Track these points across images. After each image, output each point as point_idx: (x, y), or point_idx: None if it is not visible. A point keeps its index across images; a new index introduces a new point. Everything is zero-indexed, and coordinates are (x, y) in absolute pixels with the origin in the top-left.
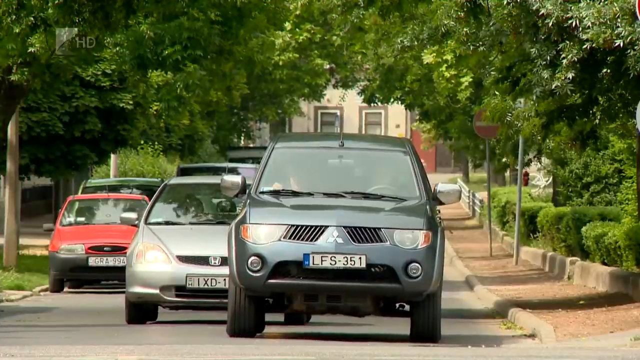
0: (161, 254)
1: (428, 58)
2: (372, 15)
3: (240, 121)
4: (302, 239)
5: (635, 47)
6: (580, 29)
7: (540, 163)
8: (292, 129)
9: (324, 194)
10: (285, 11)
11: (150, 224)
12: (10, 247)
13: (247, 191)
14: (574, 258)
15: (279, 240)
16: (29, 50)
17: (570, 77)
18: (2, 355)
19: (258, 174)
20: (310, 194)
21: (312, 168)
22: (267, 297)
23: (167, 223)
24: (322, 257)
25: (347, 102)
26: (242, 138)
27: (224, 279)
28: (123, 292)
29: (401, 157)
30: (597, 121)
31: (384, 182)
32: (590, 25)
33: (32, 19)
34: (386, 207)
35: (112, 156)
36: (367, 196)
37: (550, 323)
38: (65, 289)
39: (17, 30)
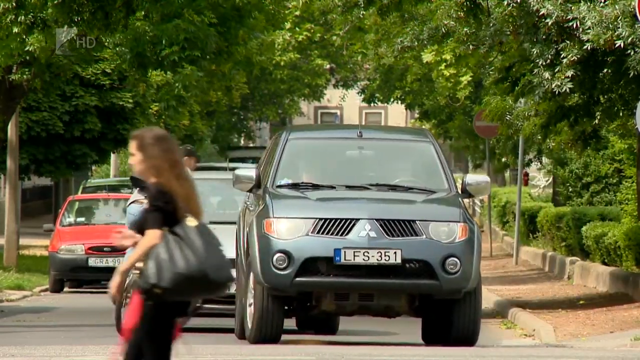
0: None
1: (427, 57)
2: (372, 15)
3: (240, 121)
4: (332, 234)
5: (636, 48)
6: (581, 29)
7: (540, 163)
8: None
9: (347, 186)
10: (285, 11)
11: None
12: (10, 247)
13: (263, 185)
14: (574, 258)
15: (307, 235)
16: (27, 49)
17: (570, 77)
18: (2, 355)
19: (273, 167)
20: (332, 187)
21: (330, 160)
22: (293, 297)
23: None
24: (354, 252)
25: (347, 102)
26: (242, 138)
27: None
28: None
29: (425, 147)
30: (597, 121)
31: (409, 173)
32: (591, 26)
33: (31, 18)
34: (418, 199)
35: (112, 156)
36: (393, 188)
37: (550, 323)
38: (65, 289)
39: (16, 30)
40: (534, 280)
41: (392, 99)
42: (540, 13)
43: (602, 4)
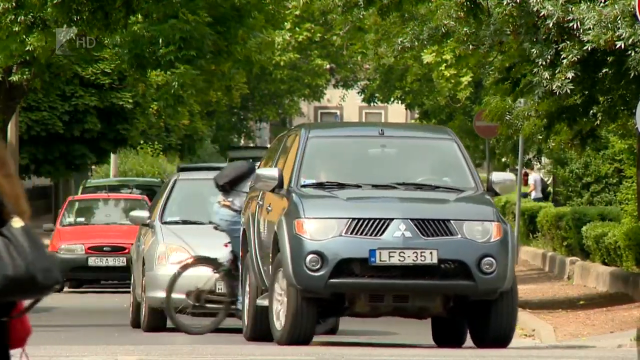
0: (187, 256)
1: (428, 57)
2: (372, 15)
3: (240, 121)
4: (366, 234)
5: (637, 49)
6: (581, 30)
7: (540, 163)
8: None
9: (373, 185)
10: (285, 11)
11: (166, 222)
12: None
13: (287, 185)
14: (574, 258)
15: (340, 235)
16: (27, 49)
17: (570, 77)
18: None
19: (296, 166)
20: (357, 186)
21: (352, 158)
22: (325, 299)
23: (184, 222)
24: (389, 252)
25: (347, 102)
26: (242, 138)
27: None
28: (123, 292)
29: (448, 145)
30: (597, 121)
31: (433, 171)
32: (592, 27)
33: (30, 18)
34: (450, 198)
35: (112, 156)
36: (419, 187)
37: (550, 323)
38: (65, 289)
39: (15, 29)
40: (534, 280)
41: (392, 99)
42: (541, 14)
43: (602, 4)
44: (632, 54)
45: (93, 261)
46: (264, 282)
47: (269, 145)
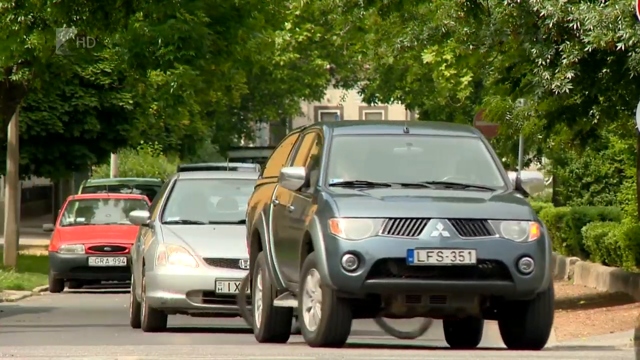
0: (187, 256)
1: (428, 57)
2: (372, 15)
3: (240, 121)
4: (402, 234)
5: (637, 49)
6: (582, 30)
7: (540, 163)
8: (293, 129)
9: (402, 184)
10: (285, 11)
11: (166, 223)
12: (10, 247)
13: (314, 184)
14: (574, 258)
15: (377, 235)
16: (26, 47)
17: (570, 77)
18: (2, 355)
19: (322, 165)
20: (387, 185)
21: (378, 157)
22: (360, 299)
23: (184, 222)
24: (427, 252)
25: (347, 102)
26: (242, 138)
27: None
28: (123, 292)
29: (474, 143)
30: (597, 121)
31: (461, 170)
32: (592, 28)
33: (30, 17)
34: (485, 197)
35: (112, 156)
36: (449, 186)
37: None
38: (65, 289)
39: (15, 28)
40: None
41: (392, 99)
42: (541, 14)
43: (602, 5)
44: (633, 54)
45: (93, 261)
46: (280, 283)
47: (268, 145)
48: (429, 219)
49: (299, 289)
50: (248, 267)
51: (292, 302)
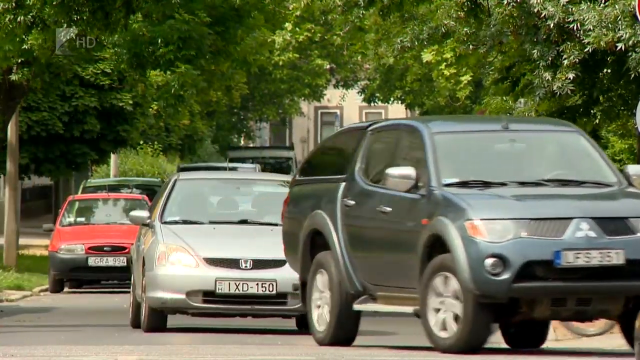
0: (187, 256)
1: (427, 56)
2: (372, 15)
3: (240, 121)
4: (546, 235)
5: (637, 49)
6: (582, 31)
7: None
8: (293, 128)
9: (519, 182)
10: (285, 11)
11: (166, 222)
12: (10, 247)
13: (426, 184)
14: None
15: (520, 237)
16: (24, 47)
17: (571, 78)
18: (2, 355)
19: (431, 164)
20: (503, 184)
21: (482, 154)
22: (501, 304)
23: (184, 222)
24: (575, 254)
25: (347, 102)
26: (242, 138)
27: (256, 284)
28: (123, 292)
29: (577, 138)
30: (597, 121)
31: (569, 166)
32: (592, 28)
33: (30, 17)
34: (617, 194)
35: (112, 156)
36: (565, 183)
37: (551, 323)
38: (65, 289)
39: (11, 26)
40: None
41: (392, 99)
42: (542, 15)
43: (602, 5)
44: (633, 54)
45: (93, 261)
46: (355, 285)
47: (268, 145)
48: (571, 218)
49: (422, 294)
50: (249, 267)
51: (374, 307)
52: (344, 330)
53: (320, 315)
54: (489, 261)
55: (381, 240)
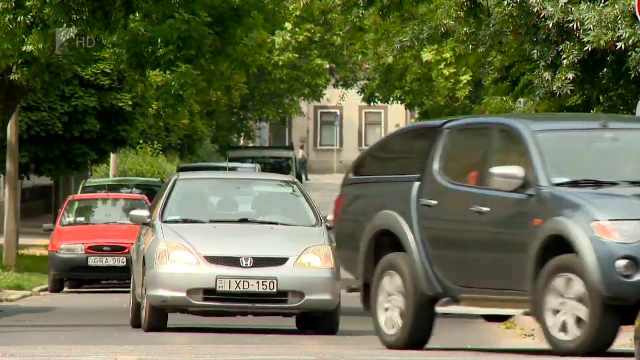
0: (187, 254)
1: (427, 56)
2: (372, 15)
3: (240, 121)
4: None
5: (637, 49)
6: (582, 31)
7: None
8: (292, 128)
9: (630, 182)
10: (285, 12)
11: (167, 222)
12: (10, 247)
13: (535, 184)
14: None
15: None
16: (24, 49)
17: (571, 78)
18: (2, 355)
19: (538, 164)
20: (614, 183)
21: (586, 153)
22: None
23: (185, 221)
24: None
25: (347, 102)
26: (242, 138)
27: (257, 282)
28: (123, 292)
29: None
30: None
31: None
32: (592, 28)
33: (30, 18)
34: None
35: (112, 156)
36: None
37: None
38: (65, 289)
39: (12, 26)
40: None
41: (392, 99)
42: (542, 15)
43: (602, 5)
44: (633, 54)
45: (93, 261)
46: (435, 287)
47: (268, 145)
48: None
49: (539, 295)
50: (250, 265)
51: (458, 309)
52: (420, 333)
53: (389, 318)
54: (621, 263)
55: (476, 240)
